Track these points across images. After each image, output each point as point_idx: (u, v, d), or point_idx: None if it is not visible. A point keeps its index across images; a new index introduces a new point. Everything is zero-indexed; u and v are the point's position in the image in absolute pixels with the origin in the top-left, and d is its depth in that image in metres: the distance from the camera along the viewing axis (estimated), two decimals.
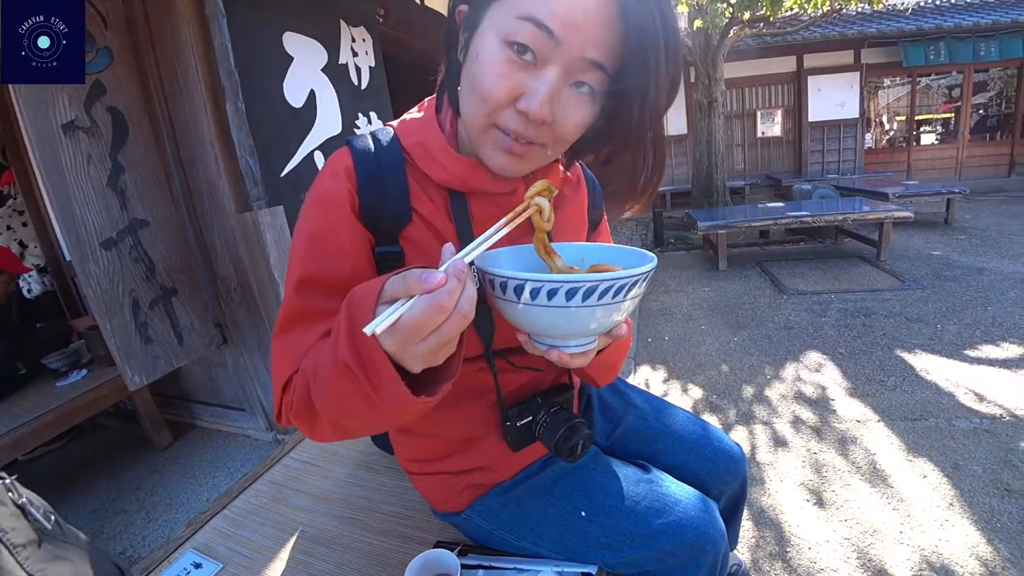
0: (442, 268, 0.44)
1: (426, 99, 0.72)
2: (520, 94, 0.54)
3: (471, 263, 0.48)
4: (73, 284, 2.81)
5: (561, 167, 0.74)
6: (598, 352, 0.62)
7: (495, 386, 0.75)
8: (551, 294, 0.48)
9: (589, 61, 0.53)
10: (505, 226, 0.53)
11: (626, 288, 0.49)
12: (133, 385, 1.88)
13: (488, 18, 0.55)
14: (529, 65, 0.53)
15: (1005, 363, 2.66)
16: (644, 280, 0.51)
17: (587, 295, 0.48)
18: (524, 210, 0.55)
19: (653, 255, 0.56)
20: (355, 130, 2.57)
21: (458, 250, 0.55)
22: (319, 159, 2.35)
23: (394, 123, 0.70)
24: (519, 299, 0.50)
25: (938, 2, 9.17)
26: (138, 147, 1.93)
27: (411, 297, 0.43)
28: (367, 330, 0.42)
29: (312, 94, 2.32)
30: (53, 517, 0.61)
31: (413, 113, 0.70)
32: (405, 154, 0.66)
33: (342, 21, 2.50)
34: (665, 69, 0.53)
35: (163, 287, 2.00)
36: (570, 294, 0.47)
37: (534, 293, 0.48)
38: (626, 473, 0.81)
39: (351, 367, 0.47)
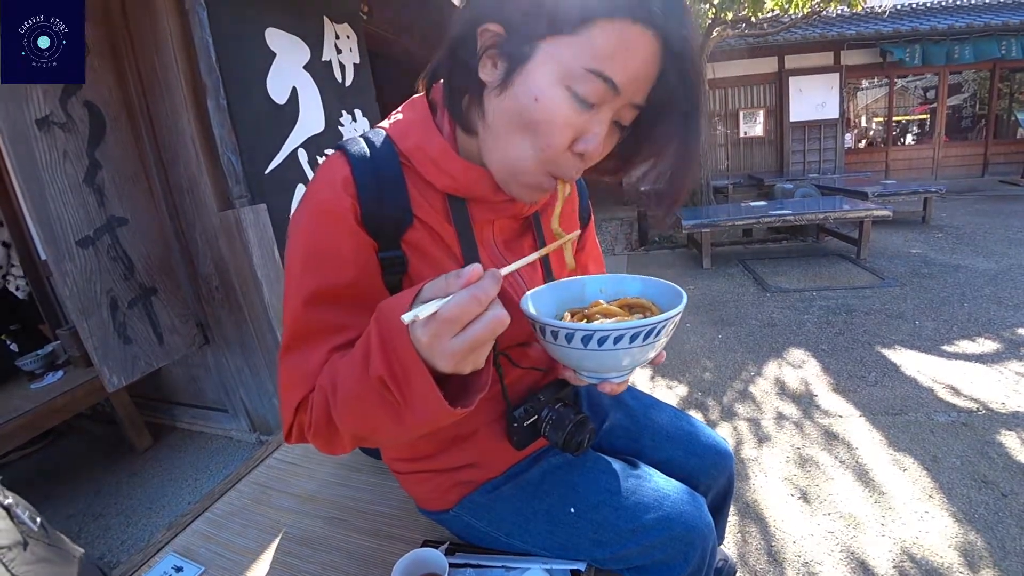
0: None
1: (414, 98, 0.69)
2: (578, 136, 0.55)
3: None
4: (48, 284, 2.74)
5: None
6: None
7: (500, 386, 0.75)
8: (601, 341, 0.52)
9: (634, 104, 0.56)
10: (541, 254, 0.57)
11: (666, 327, 0.54)
12: (111, 387, 1.84)
13: (543, 55, 0.52)
14: (586, 111, 0.54)
15: (981, 358, 2.72)
16: (679, 316, 0.56)
17: (632, 339, 0.52)
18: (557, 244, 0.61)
19: (680, 289, 0.60)
20: (339, 128, 2.53)
21: (460, 254, 0.64)
22: (303, 157, 2.32)
23: (385, 125, 0.68)
24: (569, 344, 0.54)
25: (914, 5, 9.37)
26: (116, 143, 1.89)
27: (448, 296, 0.44)
28: (405, 318, 0.42)
29: (294, 91, 2.29)
30: (39, 520, 0.59)
31: (401, 114, 0.68)
32: (402, 158, 0.64)
33: (325, 18, 2.47)
34: (692, 91, 0.55)
35: (142, 286, 1.96)
36: (603, 340, 0.52)
37: (585, 340, 0.53)
38: (614, 469, 0.81)
39: (384, 380, 0.48)
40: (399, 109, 0.69)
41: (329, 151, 0.67)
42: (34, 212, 1.66)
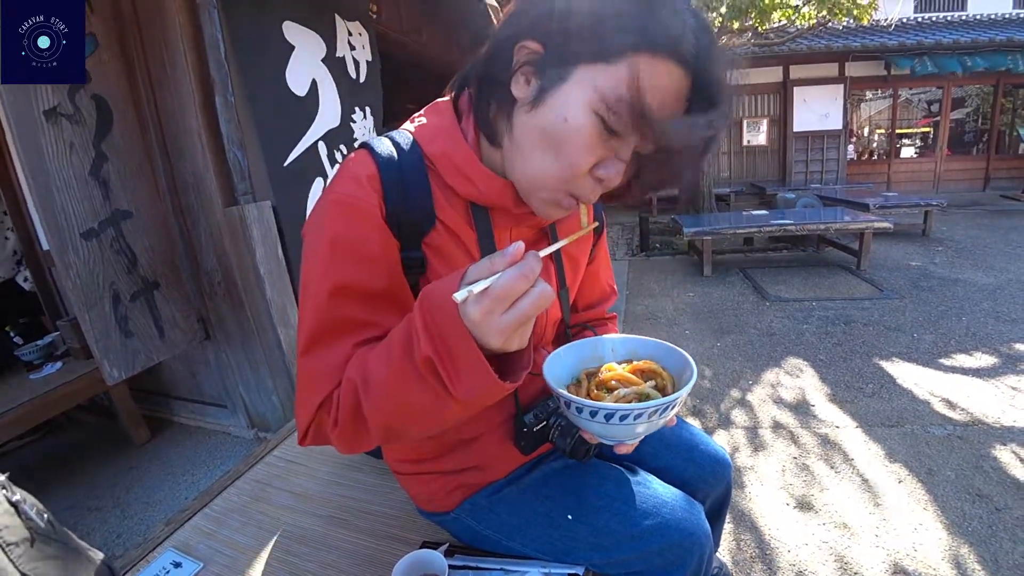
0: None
1: (438, 103, 0.69)
2: (599, 163, 0.56)
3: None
4: (49, 275, 2.74)
5: None
6: None
7: (513, 393, 0.76)
8: (622, 417, 0.56)
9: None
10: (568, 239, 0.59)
11: (674, 405, 0.58)
12: (111, 379, 1.84)
13: (578, 79, 0.53)
14: (612, 137, 0.54)
15: (978, 372, 2.73)
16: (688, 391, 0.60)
17: (649, 416, 0.56)
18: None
19: (689, 358, 0.64)
20: (351, 124, 2.54)
21: (479, 258, 0.61)
22: (323, 150, 2.32)
23: (410, 127, 0.68)
24: (593, 419, 0.58)
25: (920, 19, 9.41)
26: (123, 137, 1.89)
27: (495, 275, 0.45)
28: (458, 296, 0.44)
29: (314, 84, 2.30)
30: (46, 515, 0.59)
31: (425, 117, 0.68)
32: (427, 161, 0.65)
33: (337, 15, 2.48)
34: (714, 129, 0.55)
35: (145, 280, 1.96)
36: (624, 416, 0.56)
37: (607, 416, 0.57)
38: (614, 475, 0.82)
39: (431, 360, 0.49)
40: (422, 112, 0.70)
41: (343, 147, 0.67)
42: (39, 203, 1.66)
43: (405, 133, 0.67)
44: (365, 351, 0.58)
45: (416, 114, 0.70)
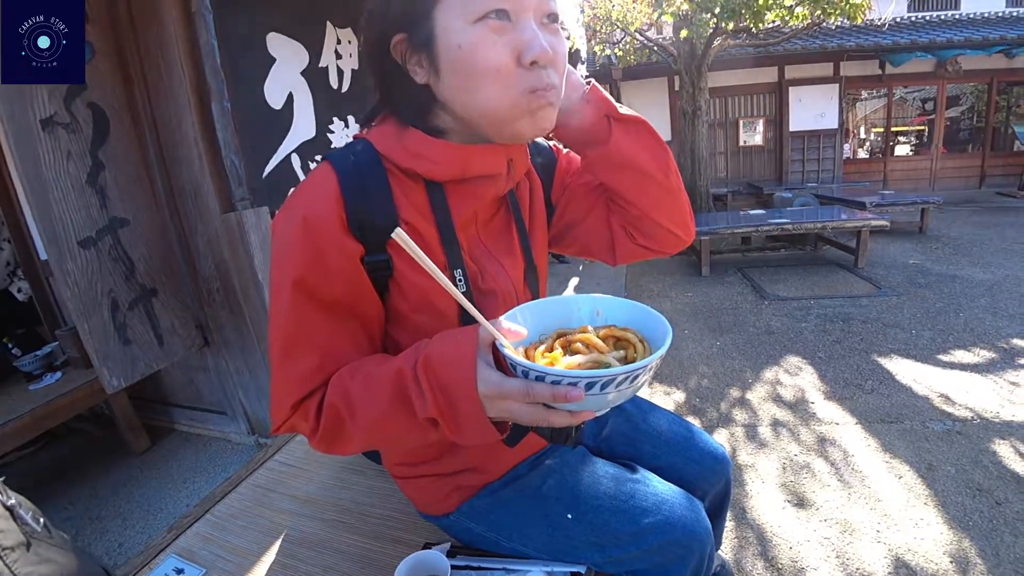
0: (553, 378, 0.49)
1: (374, 122, 0.70)
2: (519, 52, 0.57)
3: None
4: (47, 285, 2.74)
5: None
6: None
7: None
8: (554, 383, 0.49)
9: None
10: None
11: (625, 378, 0.50)
12: (111, 388, 1.84)
13: (441, 22, 0.57)
14: (508, 26, 0.56)
15: (976, 367, 2.74)
16: (658, 359, 0.51)
17: (604, 386, 0.49)
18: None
19: (667, 325, 0.56)
20: (328, 134, 2.55)
21: (442, 253, 0.67)
22: (296, 162, 2.34)
23: (362, 134, 0.69)
24: (527, 380, 0.52)
25: (914, 18, 9.45)
26: (119, 144, 1.90)
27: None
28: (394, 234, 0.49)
29: (290, 97, 2.32)
30: (42, 520, 0.59)
31: (373, 126, 0.69)
32: (385, 162, 0.65)
33: (328, 22, 2.49)
34: None
35: (143, 287, 1.96)
36: (556, 382, 0.49)
37: (538, 379, 0.50)
38: (613, 473, 0.82)
39: (436, 420, 0.56)
40: (368, 128, 0.70)
41: (319, 157, 0.68)
42: (37, 212, 1.67)
43: (360, 139, 0.68)
44: (346, 376, 0.62)
45: (364, 129, 0.71)
